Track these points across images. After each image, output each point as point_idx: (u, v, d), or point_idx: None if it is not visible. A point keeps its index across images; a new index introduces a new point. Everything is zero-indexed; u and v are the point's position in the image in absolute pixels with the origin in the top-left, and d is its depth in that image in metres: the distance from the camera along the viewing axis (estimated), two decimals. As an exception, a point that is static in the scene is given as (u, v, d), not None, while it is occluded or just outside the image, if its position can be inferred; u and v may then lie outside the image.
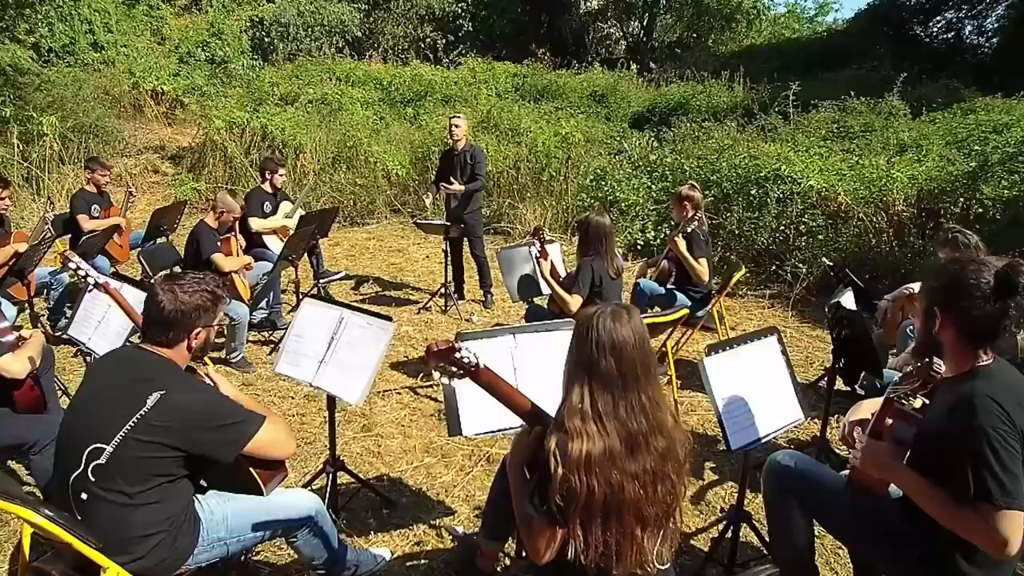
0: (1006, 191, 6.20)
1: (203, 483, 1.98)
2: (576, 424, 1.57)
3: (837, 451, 3.42)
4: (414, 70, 14.07)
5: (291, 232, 5.80)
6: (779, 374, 2.54)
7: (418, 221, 5.91)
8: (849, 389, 3.60)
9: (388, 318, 2.56)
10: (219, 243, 4.45)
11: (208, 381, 2.04)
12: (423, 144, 9.95)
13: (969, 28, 15.97)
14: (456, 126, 5.50)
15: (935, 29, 16.59)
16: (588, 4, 22.46)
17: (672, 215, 4.79)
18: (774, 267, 6.63)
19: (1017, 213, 5.94)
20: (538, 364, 2.35)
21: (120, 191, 6.21)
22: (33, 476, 2.64)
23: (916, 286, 4.32)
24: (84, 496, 1.78)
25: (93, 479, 1.77)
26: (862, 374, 3.08)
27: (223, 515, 1.98)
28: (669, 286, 4.59)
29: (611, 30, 22.93)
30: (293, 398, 4.10)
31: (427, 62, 16.17)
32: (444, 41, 18.25)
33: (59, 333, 4.19)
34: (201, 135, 10.18)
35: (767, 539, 2.65)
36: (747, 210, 7.01)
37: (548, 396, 2.31)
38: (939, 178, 6.43)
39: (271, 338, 4.96)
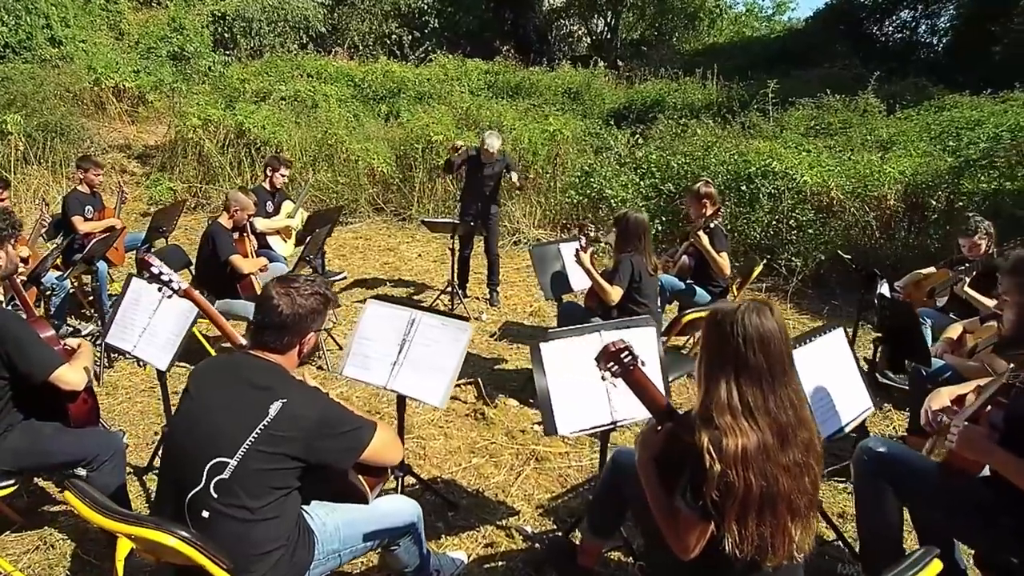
0: (984, 185, 6.49)
1: (308, 494, 1.91)
2: (727, 420, 1.58)
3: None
4: (385, 67, 13.86)
5: (293, 232, 5.67)
6: (848, 365, 2.60)
7: (425, 219, 5.83)
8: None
9: (465, 318, 2.51)
10: (235, 243, 4.29)
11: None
12: (404, 142, 9.81)
13: (923, 27, 16.64)
14: (492, 146, 5.37)
15: (890, 28, 17.24)
16: (552, 1, 22.51)
17: (689, 212, 4.83)
18: (765, 260, 6.77)
19: (997, 206, 6.22)
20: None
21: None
22: None
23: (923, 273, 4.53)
24: (205, 514, 1.67)
25: (215, 495, 1.67)
26: (909, 362, 3.16)
27: (334, 526, 1.91)
28: (688, 281, 4.64)
29: (574, 27, 23.06)
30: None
31: (393, 58, 15.96)
32: (410, 38, 18.03)
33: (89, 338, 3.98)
34: (172, 133, 9.81)
35: (835, 524, 2.72)
36: (739, 205, 7.15)
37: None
38: (925, 173, 6.68)
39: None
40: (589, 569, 2.31)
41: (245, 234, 4.52)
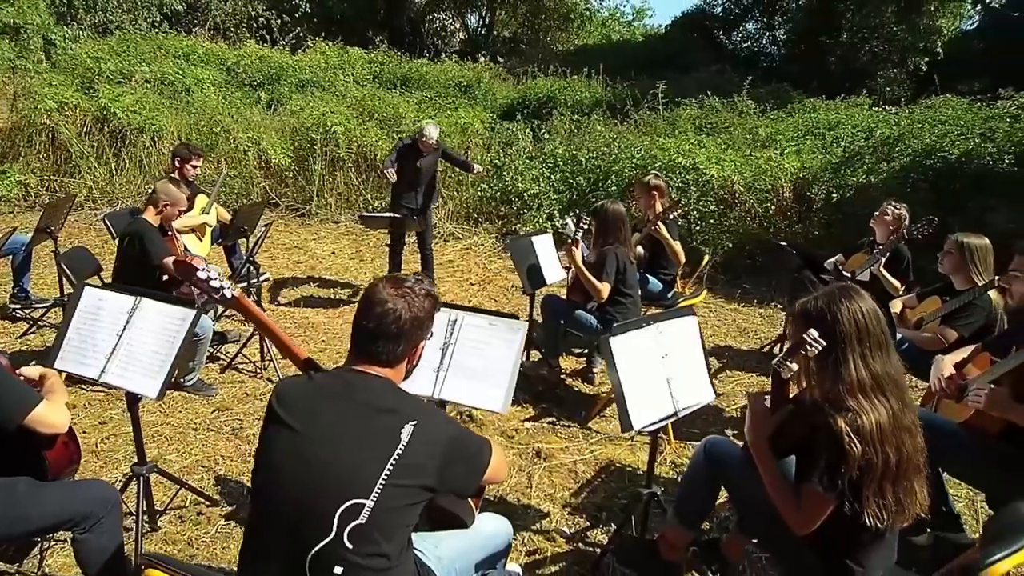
0: (854, 179, 7.29)
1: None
2: (859, 401, 1.68)
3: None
4: (260, 52, 12.91)
5: (208, 230, 5.10)
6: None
7: (363, 214, 5.49)
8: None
9: (515, 316, 2.37)
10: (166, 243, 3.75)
11: None
12: (300, 131, 9.17)
13: (765, 39, 18.35)
14: (431, 136, 5.29)
15: (738, 38, 18.85)
16: (426, -7, 22.07)
17: (637, 204, 4.95)
18: (709, 252, 7.12)
19: (867, 196, 7.01)
20: (681, 348, 2.37)
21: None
22: (81, 562, 1.99)
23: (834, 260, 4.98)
24: (338, 570, 1.39)
25: (351, 545, 1.39)
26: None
27: (449, 560, 1.70)
28: (640, 271, 4.76)
29: (448, 21, 22.82)
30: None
31: (263, 43, 14.89)
32: (279, 22, 16.92)
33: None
34: (15, 117, 8.44)
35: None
36: (649, 198, 7.47)
37: (692, 376, 2.35)
38: (811, 168, 7.38)
39: (218, 353, 4.31)
40: (676, 564, 2.27)
41: (172, 232, 3.97)
